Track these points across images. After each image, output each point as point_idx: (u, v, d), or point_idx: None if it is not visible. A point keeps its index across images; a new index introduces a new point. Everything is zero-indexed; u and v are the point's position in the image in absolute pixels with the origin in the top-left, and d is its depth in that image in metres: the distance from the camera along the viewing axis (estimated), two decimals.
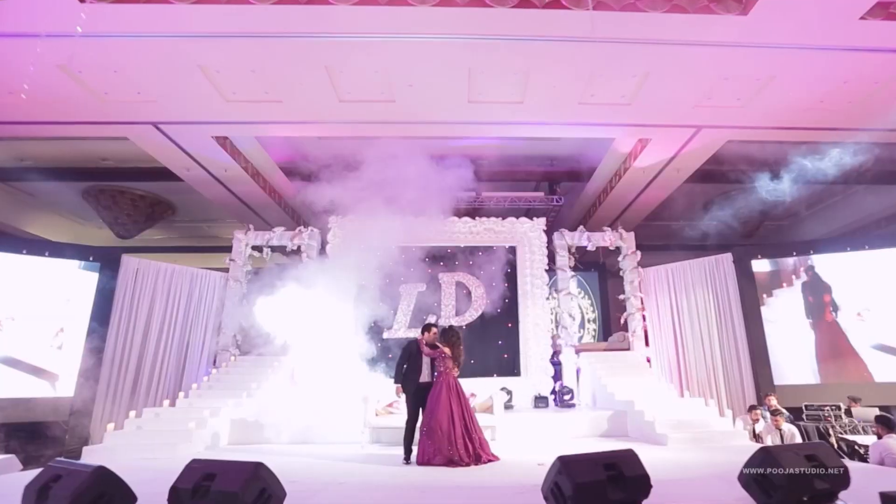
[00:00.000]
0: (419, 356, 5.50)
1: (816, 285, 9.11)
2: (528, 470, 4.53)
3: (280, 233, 10.08)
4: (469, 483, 4.03)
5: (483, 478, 4.25)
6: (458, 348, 5.46)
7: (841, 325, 8.84)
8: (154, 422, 6.39)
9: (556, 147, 11.77)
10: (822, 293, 9.05)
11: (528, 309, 9.75)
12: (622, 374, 8.50)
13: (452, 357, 5.37)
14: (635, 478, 2.83)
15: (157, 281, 9.10)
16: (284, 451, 6.15)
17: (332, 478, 4.28)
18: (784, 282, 9.32)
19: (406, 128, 9.28)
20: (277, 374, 8.61)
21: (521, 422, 7.04)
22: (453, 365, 5.36)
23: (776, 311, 9.12)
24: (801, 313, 9.11)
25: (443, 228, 10.18)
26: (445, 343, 5.43)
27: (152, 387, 8.65)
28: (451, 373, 5.33)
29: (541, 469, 4.54)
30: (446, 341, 5.47)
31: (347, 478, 4.31)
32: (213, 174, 10.73)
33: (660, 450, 5.64)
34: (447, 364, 5.33)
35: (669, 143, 9.88)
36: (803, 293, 9.14)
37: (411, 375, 5.48)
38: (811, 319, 8.99)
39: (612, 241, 10.44)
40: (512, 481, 4.06)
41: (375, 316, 9.51)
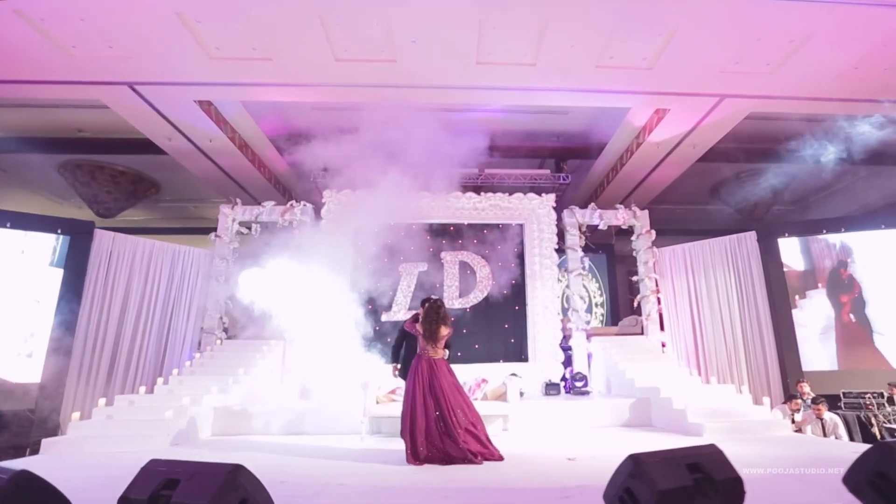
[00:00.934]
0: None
1: (847, 285, 8.57)
2: (559, 466, 3.92)
3: (270, 207, 9.33)
4: (494, 483, 3.40)
5: (509, 476, 3.62)
6: (432, 325, 4.52)
7: (868, 314, 8.30)
8: (127, 411, 5.69)
9: (563, 121, 11.11)
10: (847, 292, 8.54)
11: (536, 290, 9.12)
12: (639, 359, 7.91)
13: (423, 335, 4.54)
14: (727, 481, 2.19)
15: (135, 258, 8.33)
16: (274, 443, 5.49)
17: (330, 477, 3.62)
18: (819, 281, 8.73)
19: (408, 93, 8.52)
20: (267, 359, 7.93)
21: (533, 410, 6.43)
22: (427, 344, 4.50)
23: (809, 313, 8.56)
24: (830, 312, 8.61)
25: (445, 204, 9.49)
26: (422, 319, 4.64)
27: (130, 372, 7.93)
28: (427, 355, 4.48)
29: (574, 465, 3.93)
30: (423, 316, 4.65)
31: (348, 477, 3.66)
32: (197, 144, 9.93)
33: (695, 442, 5.01)
34: (420, 344, 4.57)
35: (689, 115, 9.23)
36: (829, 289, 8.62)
37: (410, 357, 4.86)
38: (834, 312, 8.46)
39: (626, 219, 9.80)
40: (546, 481, 3.43)
41: (373, 297, 8.85)
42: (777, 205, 14.14)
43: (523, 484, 3.34)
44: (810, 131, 10.85)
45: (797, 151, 11.57)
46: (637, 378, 7.03)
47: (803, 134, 11.03)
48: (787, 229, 8.74)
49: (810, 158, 11.68)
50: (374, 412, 5.62)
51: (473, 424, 4.33)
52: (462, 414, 4.31)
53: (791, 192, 13.71)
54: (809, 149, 11.47)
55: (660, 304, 9.29)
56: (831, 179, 12.67)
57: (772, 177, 12.96)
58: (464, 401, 4.45)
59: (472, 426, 4.30)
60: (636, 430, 6.11)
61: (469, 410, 4.41)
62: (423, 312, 4.68)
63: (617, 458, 3.88)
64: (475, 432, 4.30)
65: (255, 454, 4.72)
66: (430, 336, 4.51)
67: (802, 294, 8.50)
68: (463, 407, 4.38)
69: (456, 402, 4.34)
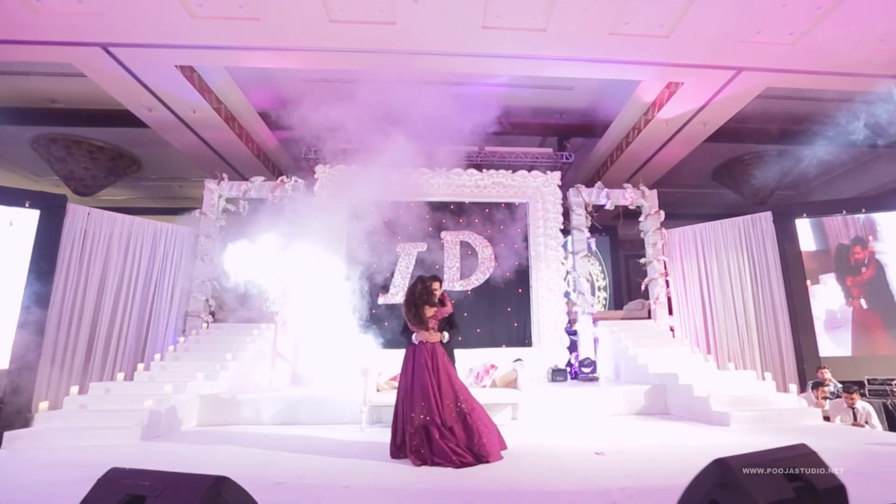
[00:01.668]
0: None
1: (858, 268, 8.20)
2: (589, 462, 3.51)
3: (259, 183, 8.75)
4: (521, 485, 2.97)
5: (535, 475, 3.19)
6: (410, 308, 4.04)
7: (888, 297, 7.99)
8: (102, 400, 5.18)
9: (567, 98, 10.61)
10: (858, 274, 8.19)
11: (540, 272, 8.69)
12: (649, 344, 7.56)
13: (406, 318, 4.11)
14: (830, 492, 1.78)
15: (113, 235, 7.73)
16: (266, 434, 5.03)
17: (332, 477, 3.17)
18: (834, 264, 8.31)
19: (407, 60, 7.95)
20: (257, 344, 7.43)
21: (542, 398, 6.03)
22: (416, 328, 4.03)
23: (824, 297, 8.18)
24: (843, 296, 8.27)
25: (446, 181, 8.98)
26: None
27: (108, 358, 7.38)
28: (420, 340, 3.99)
29: (605, 461, 3.53)
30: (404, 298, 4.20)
31: (351, 476, 3.21)
32: (180, 116, 9.27)
33: (724, 433, 4.68)
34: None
35: (702, 89, 8.77)
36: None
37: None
38: (849, 299, 8.12)
39: (634, 199, 9.38)
40: (580, 482, 3.01)
41: (369, 278, 8.37)
42: (780, 188, 13.83)
43: (555, 485, 2.91)
44: (819, 112, 10.54)
45: (805, 133, 11.27)
46: (650, 364, 6.66)
47: (812, 114, 10.72)
48: (804, 209, 8.36)
49: (818, 140, 11.40)
50: (374, 400, 5.18)
51: (467, 415, 3.70)
52: (460, 408, 3.74)
53: (795, 175, 13.41)
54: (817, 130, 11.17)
55: (668, 287, 8.93)
56: (838, 161, 12.39)
57: (777, 159, 12.66)
58: (454, 390, 3.84)
59: (471, 419, 3.70)
60: (654, 418, 5.75)
61: (464, 401, 3.79)
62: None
63: (650, 452, 3.48)
64: (473, 424, 3.67)
65: (244, 448, 4.26)
66: (414, 319, 4.01)
67: (815, 279, 8.14)
68: (453, 397, 3.77)
69: (449, 392, 3.78)
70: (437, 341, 4.00)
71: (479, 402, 3.91)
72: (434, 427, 3.62)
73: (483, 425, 3.69)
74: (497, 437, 3.80)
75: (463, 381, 4.16)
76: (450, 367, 3.97)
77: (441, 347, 4.00)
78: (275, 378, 7.75)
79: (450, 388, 3.79)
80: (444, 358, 3.95)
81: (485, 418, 3.80)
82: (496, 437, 3.78)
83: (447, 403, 3.70)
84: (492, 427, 3.81)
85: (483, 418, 3.77)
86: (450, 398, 3.74)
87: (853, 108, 10.34)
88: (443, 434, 3.59)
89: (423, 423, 3.67)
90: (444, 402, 3.70)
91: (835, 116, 10.66)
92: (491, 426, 3.80)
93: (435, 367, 3.85)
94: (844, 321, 7.99)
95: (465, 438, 3.59)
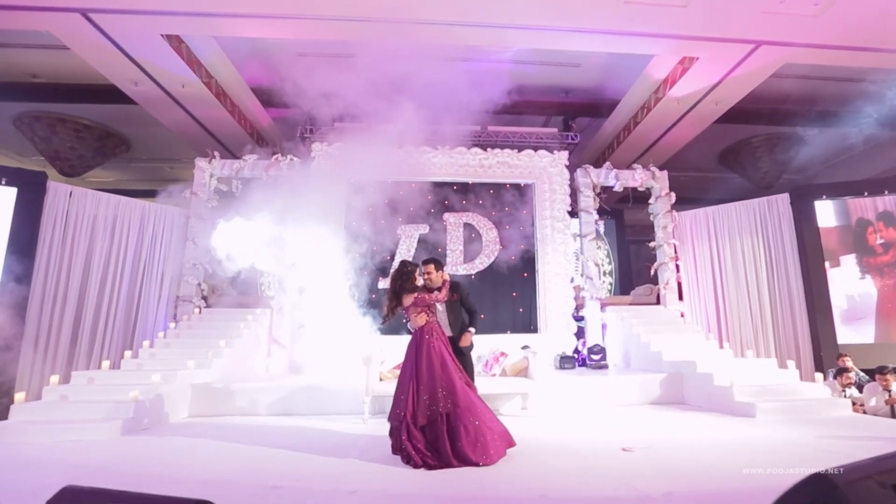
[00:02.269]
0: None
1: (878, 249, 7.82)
2: (618, 460, 3.20)
3: (252, 162, 8.31)
4: (551, 489, 2.65)
5: (564, 476, 2.87)
6: (395, 296, 3.78)
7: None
8: (85, 390, 4.82)
9: (574, 75, 10.19)
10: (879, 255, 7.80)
11: (547, 256, 8.35)
12: (661, 331, 7.26)
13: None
14: None
15: (98, 215, 7.30)
16: (262, 426, 4.71)
17: (336, 479, 2.84)
18: (854, 246, 7.92)
19: (410, 29, 7.48)
20: (252, 330, 7.08)
21: (553, 387, 5.72)
22: (388, 313, 3.83)
23: (842, 281, 7.82)
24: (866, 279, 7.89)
25: (449, 160, 8.58)
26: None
27: (96, 345, 7.01)
28: (412, 326, 3.75)
29: (635, 459, 3.22)
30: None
31: (357, 478, 2.88)
32: (168, 90, 8.77)
33: (751, 425, 4.39)
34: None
35: (718, 65, 8.36)
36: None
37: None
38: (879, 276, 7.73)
39: (643, 180, 9.01)
40: (615, 484, 2.68)
41: (369, 262, 8.01)
42: (787, 173, 13.52)
43: (588, 489, 2.60)
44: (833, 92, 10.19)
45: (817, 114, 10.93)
46: (665, 351, 6.37)
47: (825, 95, 10.36)
48: (823, 191, 8.02)
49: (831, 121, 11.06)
50: (377, 390, 4.86)
51: (449, 413, 3.28)
52: (426, 400, 3.35)
53: (805, 159, 13.09)
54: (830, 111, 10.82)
55: (679, 271, 8.62)
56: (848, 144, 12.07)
57: (787, 142, 12.32)
58: (444, 379, 3.43)
59: (450, 416, 3.28)
60: (670, 408, 5.47)
61: (451, 393, 3.36)
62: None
63: (682, 448, 3.14)
64: (456, 422, 3.24)
65: (238, 444, 3.93)
66: (394, 307, 3.76)
67: (836, 260, 7.80)
68: (437, 387, 3.38)
69: (440, 380, 3.40)
70: (421, 325, 3.65)
71: (474, 396, 3.47)
72: (405, 424, 3.33)
73: (474, 423, 3.24)
74: (497, 435, 3.33)
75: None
76: (443, 355, 3.54)
77: (436, 333, 3.63)
78: (271, 365, 7.43)
79: (431, 381, 3.41)
80: (436, 345, 3.56)
81: (479, 414, 3.33)
82: (496, 435, 3.32)
83: (423, 399, 3.35)
84: (491, 425, 3.36)
85: (477, 414, 3.31)
86: (429, 392, 3.36)
87: (869, 89, 10.03)
88: (410, 433, 3.28)
89: (396, 418, 3.43)
90: (421, 396, 3.36)
91: (849, 97, 10.34)
92: (488, 424, 3.34)
93: (419, 356, 3.53)
94: (868, 309, 7.65)
95: (441, 439, 3.19)
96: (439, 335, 3.64)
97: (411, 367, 3.55)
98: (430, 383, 3.40)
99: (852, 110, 10.70)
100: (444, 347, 3.58)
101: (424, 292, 3.78)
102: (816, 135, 11.78)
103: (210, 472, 3.05)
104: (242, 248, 6.98)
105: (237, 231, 6.97)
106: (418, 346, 3.57)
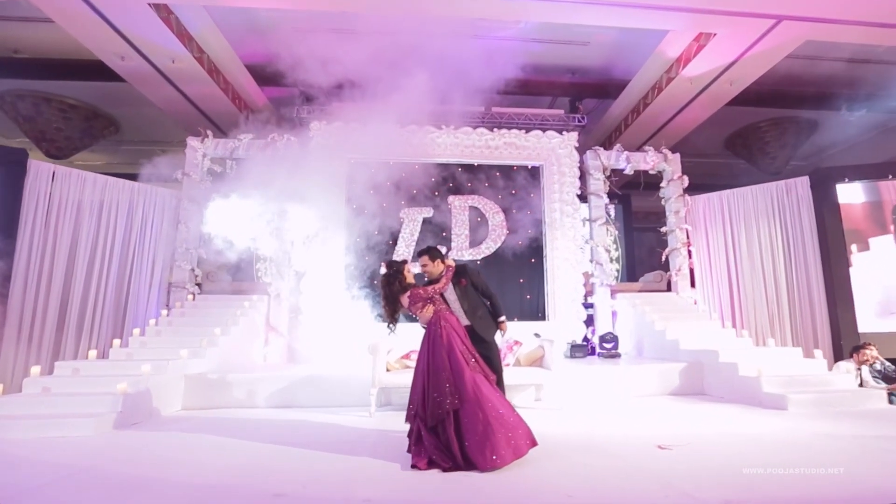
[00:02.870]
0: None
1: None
2: (658, 460, 2.89)
3: (248, 141, 7.90)
4: (599, 497, 2.35)
5: (603, 481, 2.57)
6: (390, 302, 3.53)
7: None
8: (70, 382, 4.48)
9: (582, 55, 9.78)
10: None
11: (556, 241, 8.03)
12: (675, 318, 6.99)
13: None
14: None
15: (84, 197, 6.90)
16: (261, 420, 4.40)
17: (345, 486, 2.51)
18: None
19: (410, 3, 7.07)
20: (249, 317, 6.74)
21: (567, 377, 5.41)
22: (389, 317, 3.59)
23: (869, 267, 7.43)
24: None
25: (454, 141, 8.20)
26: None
27: (84, 334, 6.65)
28: (422, 324, 3.48)
29: (675, 458, 2.92)
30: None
31: (370, 485, 2.56)
32: (157, 66, 8.31)
33: (785, 418, 4.12)
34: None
35: (736, 41, 7.99)
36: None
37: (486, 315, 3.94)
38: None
39: (655, 162, 8.68)
40: (669, 493, 2.33)
41: (370, 246, 7.67)
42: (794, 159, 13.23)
43: (636, 494, 2.29)
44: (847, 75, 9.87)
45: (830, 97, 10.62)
46: (682, 340, 6.08)
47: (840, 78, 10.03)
48: (846, 173, 7.69)
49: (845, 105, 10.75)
50: (384, 381, 4.55)
51: (458, 410, 2.95)
52: (437, 393, 3.02)
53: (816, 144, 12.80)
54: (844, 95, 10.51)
55: (691, 257, 8.33)
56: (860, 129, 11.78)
57: (797, 126, 12.01)
58: (451, 370, 3.08)
59: (458, 413, 2.95)
60: (692, 399, 5.20)
61: (456, 387, 3.01)
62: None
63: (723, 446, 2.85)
64: (462, 420, 2.91)
65: (236, 440, 3.62)
66: (393, 312, 3.52)
67: (864, 244, 7.47)
68: (444, 381, 3.04)
69: (449, 377, 3.07)
70: (430, 317, 3.35)
71: (486, 388, 3.06)
72: (417, 425, 3.06)
73: (482, 420, 2.86)
74: (514, 433, 2.90)
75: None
76: (451, 344, 3.18)
77: (444, 321, 3.29)
78: (269, 354, 7.11)
79: (437, 374, 3.09)
80: (444, 334, 3.22)
81: (490, 409, 2.92)
82: (513, 433, 2.89)
83: (433, 396, 3.03)
84: (507, 421, 2.93)
85: (487, 409, 2.91)
86: (437, 388, 3.04)
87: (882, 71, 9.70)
88: (423, 434, 2.99)
89: (410, 415, 3.16)
90: (430, 393, 3.05)
91: (865, 80, 10.02)
92: (502, 420, 2.91)
93: (427, 350, 3.25)
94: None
95: (451, 440, 2.87)
96: (449, 323, 3.31)
97: (422, 363, 3.25)
98: (437, 377, 3.09)
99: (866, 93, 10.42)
100: (455, 335, 3.23)
101: (421, 287, 3.48)
102: (828, 119, 11.50)
103: (206, 474, 2.73)
104: (239, 229, 6.62)
105: (233, 211, 6.59)
106: (427, 339, 3.30)
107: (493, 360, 3.70)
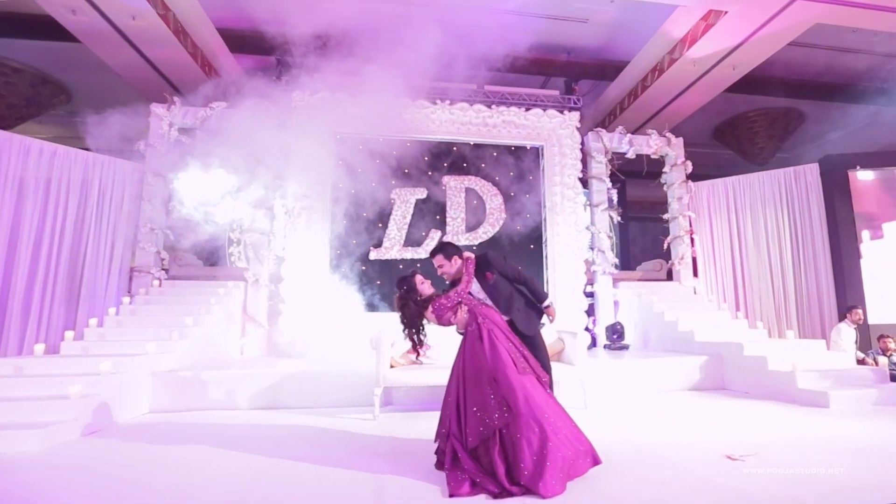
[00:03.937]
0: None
1: None
2: (732, 474, 2.45)
3: (220, 110, 7.09)
4: None
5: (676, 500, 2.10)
6: (414, 324, 3.04)
7: None
8: (10, 383, 3.72)
9: (580, 32, 9.31)
10: None
11: (557, 226, 7.57)
12: (681, 308, 6.66)
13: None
14: None
15: (28, 165, 5.98)
16: (243, 426, 3.77)
17: None
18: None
19: None
20: (224, 305, 6.03)
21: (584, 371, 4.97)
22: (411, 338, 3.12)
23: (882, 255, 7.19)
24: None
25: (449, 118, 7.59)
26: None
27: (30, 326, 5.77)
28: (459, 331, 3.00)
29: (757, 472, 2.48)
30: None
31: None
32: (115, 23, 7.35)
33: (833, 417, 3.78)
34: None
35: (747, 21, 7.65)
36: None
37: (526, 308, 3.40)
38: None
39: (658, 147, 8.32)
40: None
41: (359, 230, 7.02)
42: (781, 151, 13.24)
43: None
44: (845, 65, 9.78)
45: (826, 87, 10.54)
46: (697, 331, 5.74)
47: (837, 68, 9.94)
48: (858, 161, 7.48)
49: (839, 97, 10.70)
50: (391, 380, 3.98)
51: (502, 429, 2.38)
52: (477, 408, 2.49)
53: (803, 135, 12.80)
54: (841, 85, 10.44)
55: (694, 245, 8.03)
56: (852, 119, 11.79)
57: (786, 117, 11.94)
58: (496, 377, 2.52)
59: (502, 433, 2.38)
60: (715, 395, 4.85)
61: (506, 399, 2.44)
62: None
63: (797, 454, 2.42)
64: (508, 439, 2.36)
65: (215, 451, 2.99)
66: (416, 333, 3.06)
67: (877, 230, 7.24)
68: (488, 392, 2.50)
69: (477, 378, 2.59)
70: (465, 321, 2.83)
71: (542, 398, 2.49)
72: (455, 441, 2.49)
73: (541, 437, 2.30)
74: (575, 452, 2.40)
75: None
76: (493, 341, 2.64)
77: (482, 316, 2.77)
78: (246, 346, 6.41)
79: (478, 384, 2.54)
80: (485, 331, 2.68)
81: (550, 423, 2.37)
82: (573, 452, 2.39)
83: (473, 411, 2.48)
84: (570, 437, 2.43)
85: (545, 423, 2.35)
86: (479, 402, 2.49)
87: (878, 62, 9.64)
88: (458, 456, 2.45)
89: (441, 435, 2.63)
90: (469, 407, 2.50)
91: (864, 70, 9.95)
92: (565, 436, 2.40)
93: (465, 356, 2.72)
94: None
95: (494, 463, 2.33)
96: (489, 319, 2.77)
97: (456, 373, 2.69)
98: (477, 387, 2.51)
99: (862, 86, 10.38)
100: (497, 331, 2.68)
101: (443, 294, 2.95)
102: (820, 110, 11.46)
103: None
104: (212, 208, 5.87)
105: (205, 188, 5.84)
106: (463, 345, 2.78)
107: (542, 358, 3.15)
